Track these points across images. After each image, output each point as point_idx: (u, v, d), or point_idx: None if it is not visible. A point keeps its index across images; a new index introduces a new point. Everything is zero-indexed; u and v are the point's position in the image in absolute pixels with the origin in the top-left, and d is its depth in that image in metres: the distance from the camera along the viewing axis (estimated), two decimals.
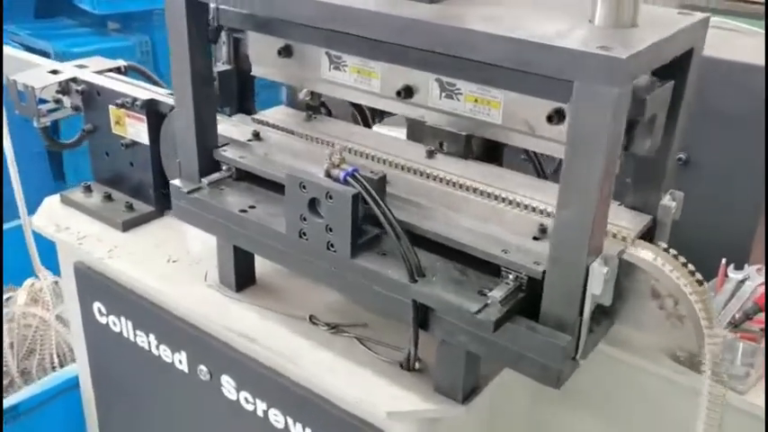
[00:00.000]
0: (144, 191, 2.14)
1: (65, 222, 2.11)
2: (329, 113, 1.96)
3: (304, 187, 1.40)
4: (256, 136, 1.75)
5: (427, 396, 1.48)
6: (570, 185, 1.16)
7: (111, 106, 2.09)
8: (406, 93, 1.52)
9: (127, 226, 2.07)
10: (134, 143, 2.08)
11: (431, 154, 1.65)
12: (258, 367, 1.70)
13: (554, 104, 1.33)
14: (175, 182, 1.71)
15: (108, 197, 2.17)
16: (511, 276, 1.32)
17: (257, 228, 1.54)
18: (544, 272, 1.27)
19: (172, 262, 1.95)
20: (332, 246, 1.42)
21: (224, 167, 1.69)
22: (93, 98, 2.13)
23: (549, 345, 1.25)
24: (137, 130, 2.06)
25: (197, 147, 1.67)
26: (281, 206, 1.55)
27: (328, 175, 1.40)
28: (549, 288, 1.25)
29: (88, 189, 2.21)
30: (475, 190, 1.50)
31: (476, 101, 1.45)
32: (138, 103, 2.01)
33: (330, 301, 1.77)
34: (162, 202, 2.13)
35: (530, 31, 1.19)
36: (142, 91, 2.06)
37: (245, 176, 1.69)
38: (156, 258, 1.96)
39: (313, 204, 1.42)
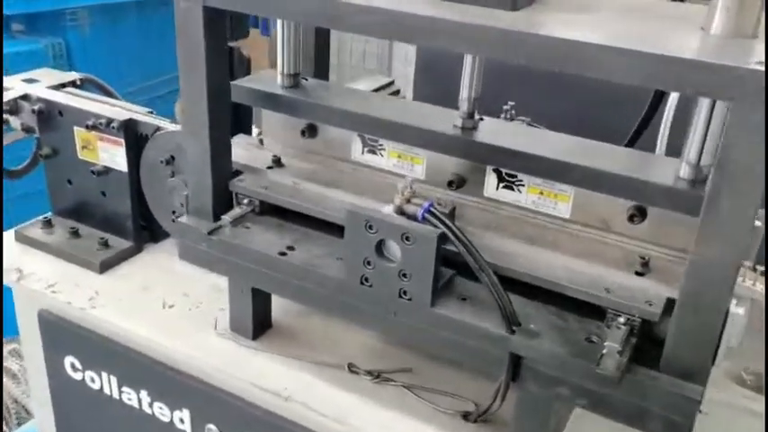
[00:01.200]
0: (119, 224, 1.85)
1: (27, 266, 1.80)
2: None
3: (371, 227, 1.20)
4: (277, 162, 1.52)
5: None
6: (717, 222, 1.01)
7: (76, 128, 1.79)
8: (458, 183, 1.36)
9: (105, 266, 1.79)
10: (107, 170, 1.80)
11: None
12: (293, 428, 1.47)
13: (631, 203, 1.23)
14: (186, 220, 1.45)
15: (74, 233, 1.87)
16: (621, 320, 1.16)
17: (302, 273, 1.32)
18: (662, 313, 1.13)
19: (168, 307, 1.69)
20: (405, 293, 1.22)
21: (244, 200, 1.45)
22: (52, 119, 1.83)
23: (679, 398, 1.10)
24: (111, 154, 1.78)
25: (212, 178, 1.42)
26: (325, 245, 1.35)
27: (401, 212, 1.20)
28: (677, 333, 1.10)
29: (48, 224, 1.91)
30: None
31: (540, 193, 1.30)
32: (114, 124, 1.72)
33: (363, 342, 1.57)
34: (141, 236, 1.86)
35: (656, 43, 1.03)
36: (117, 110, 1.78)
37: (268, 210, 1.46)
38: (149, 304, 1.70)
39: (380, 247, 1.22)
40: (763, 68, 0.94)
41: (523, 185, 1.34)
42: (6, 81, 1.92)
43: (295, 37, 1.49)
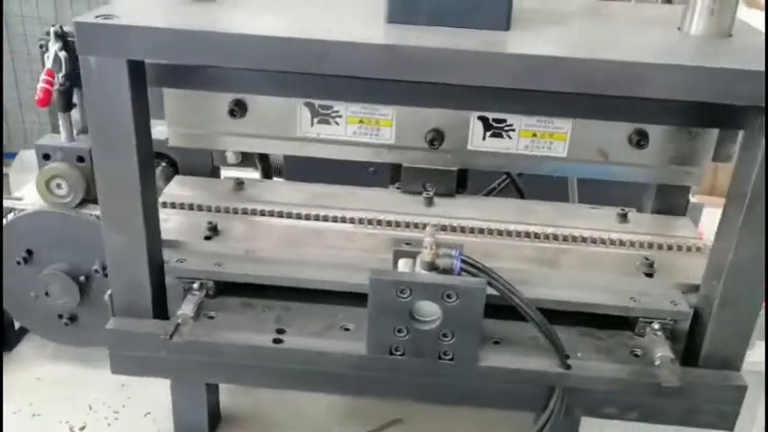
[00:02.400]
0: None
1: None
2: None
3: (402, 292, 1.05)
4: (214, 230, 1.26)
5: None
6: (757, 223, 1.04)
7: None
8: (439, 139, 1.23)
9: None
10: None
11: (429, 201, 1.38)
12: None
13: (633, 126, 1.20)
14: (122, 325, 1.16)
15: None
16: (655, 326, 1.16)
17: (311, 358, 1.12)
18: (694, 313, 1.15)
19: (78, 430, 1.35)
20: (445, 354, 1.09)
21: (194, 285, 1.19)
22: None
23: (729, 389, 1.14)
24: None
25: (149, 269, 1.14)
26: (316, 318, 1.17)
27: (432, 267, 1.07)
28: (717, 328, 1.12)
29: None
30: (539, 236, 1.30)
31: (534, 135, 1.23)
32: None
33: (327, 405, 1.41)
34: None
35: (669, 53, 1.02)
36: None
37: (223, 289, 1.22)
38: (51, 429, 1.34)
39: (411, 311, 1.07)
40: None
41: (514, 130, 1.23)
42: None
43: None
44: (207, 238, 1.25)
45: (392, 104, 1.23)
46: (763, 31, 1.14)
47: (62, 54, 1.28)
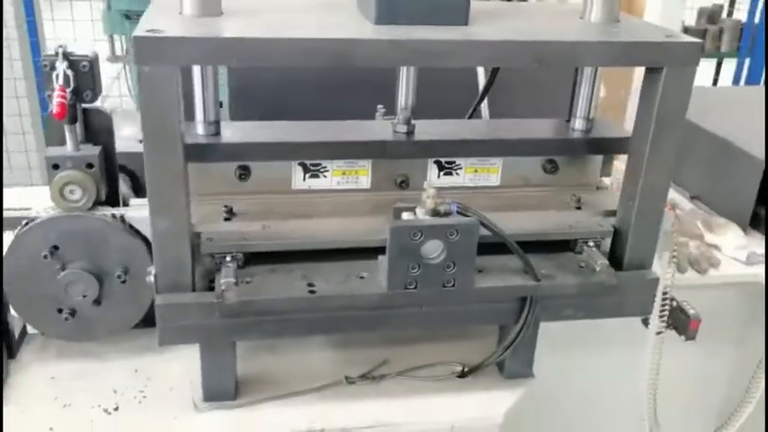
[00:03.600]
0: None
1: None
2: None
3: (415, 235, 1.33)
4: (230, 212, 1.47)
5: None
6: (655, 157, 1.42)
7: None
8: (408, 182, 1.57)
9: None
10: None
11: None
12: None
13: (546, 158, 1.64)
14: (174, 299, 1.34)
15: None
16: (590, 243, 1.53)
17: (340, 302, 1.37)
18: (615, 230, 1.53)
19: (113, 411, 1.49)
20: (448, 282, 1.38)
21: (226, 258, 1.39)
22: None
23: (646, 282, 1.52)
24: None
25: (191, 248, 1.34)
26: (334, 272, 1.42)
27: (435, 213, 1.35)
28: (635, 238, 1.50)
29: None
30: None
31: (475, 171, 1.60)
32: None
33: (321, 356, 1.66)
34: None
35: (588, 34, 1.39)
36: None
37: (248, 261, 1.43)
38: (84, 415, 1.46)
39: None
40: (679, 40, 1.37)
41: (461, 168, 1.59)
42: None
43: (212, 85, 1.45)
44: (226, 219, 1.46)
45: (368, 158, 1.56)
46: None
47: (69, 72, 1.43)
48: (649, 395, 1.69)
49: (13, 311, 1.55)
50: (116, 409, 1.49)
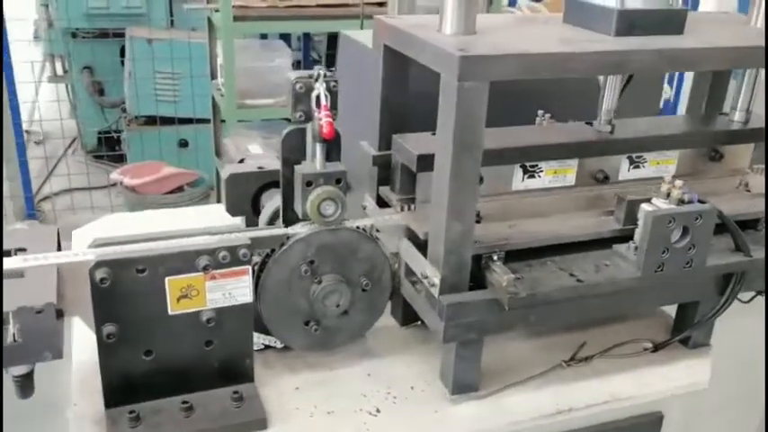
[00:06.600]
0: (232, 370, 1.54)
1: None
2: None
3: (670, 222, 1.49)
4: (477, 214, 1.57)
5: None
6: None
7: (169, 278, 1.42)
8: (606, 177, 1.75)
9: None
10: (219, 312, 1.48)
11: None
12: None
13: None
14: (461, 298, 1.45)
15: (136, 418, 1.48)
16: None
17: (604, 288, 1.52)
18: None
19: (376, 412, 1.56)
20: (688, 263, 1.55)
21: (494, 256, 1.50)
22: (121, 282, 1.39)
23: None
24: (226, 291, 1.47)
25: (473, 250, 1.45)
26: (583, 261, 1.56)
27: (681, 202, 1.52)
28: None
29: (136, 418, 1.45)
30: None
31: (658, 163, 1.79)
32: (241, 253, 1.44)
33: (524, 346, 1.78)
34: None
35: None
36: (227, 236, 1.46)
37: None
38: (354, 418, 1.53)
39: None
40: None
41: (646, 162, 1.77)
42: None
43: None
44: (477, 221, 1.56)
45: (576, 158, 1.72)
46: None
47: (326, 93, 1.49)
48: None
49: None
50: (378, 411, 1.56)
